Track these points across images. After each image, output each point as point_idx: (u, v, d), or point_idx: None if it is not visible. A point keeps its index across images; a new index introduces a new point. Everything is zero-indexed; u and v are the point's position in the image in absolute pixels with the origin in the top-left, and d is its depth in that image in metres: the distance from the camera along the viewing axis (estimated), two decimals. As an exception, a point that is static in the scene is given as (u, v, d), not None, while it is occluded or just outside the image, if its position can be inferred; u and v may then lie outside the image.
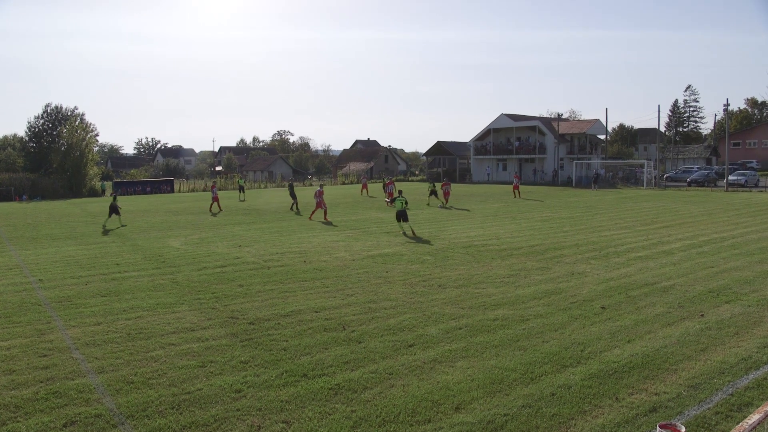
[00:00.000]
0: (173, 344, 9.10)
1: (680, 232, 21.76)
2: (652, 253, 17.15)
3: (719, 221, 25.79)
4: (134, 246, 19.93)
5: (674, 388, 7.16)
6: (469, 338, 9.25)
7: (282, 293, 12.47)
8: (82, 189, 61.38)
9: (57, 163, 61.66)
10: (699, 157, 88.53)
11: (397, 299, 11.83)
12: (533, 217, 28.40)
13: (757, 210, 31.46)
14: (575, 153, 72.25)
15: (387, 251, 17.86)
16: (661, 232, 22.07)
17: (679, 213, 29.86)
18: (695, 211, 30.73)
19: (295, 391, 7.22)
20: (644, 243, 19.16)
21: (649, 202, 37.26)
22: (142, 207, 39.50)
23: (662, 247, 18.27)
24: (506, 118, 74.32)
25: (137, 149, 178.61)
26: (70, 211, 37.19)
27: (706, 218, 27.15)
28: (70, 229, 26.14)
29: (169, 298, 12.12)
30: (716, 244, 18.80)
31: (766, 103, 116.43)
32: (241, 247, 19.24)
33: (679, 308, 10.92)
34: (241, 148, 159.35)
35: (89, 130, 65.13)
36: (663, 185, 57.90)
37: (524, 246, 18.65)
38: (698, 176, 59.35)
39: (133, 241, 21.15)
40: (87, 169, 63.33)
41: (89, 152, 64.31)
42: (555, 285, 13.02)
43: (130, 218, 30.66)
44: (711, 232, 21.90)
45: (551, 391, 7.14)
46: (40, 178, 60.11)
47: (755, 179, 56.44)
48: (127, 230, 24.91)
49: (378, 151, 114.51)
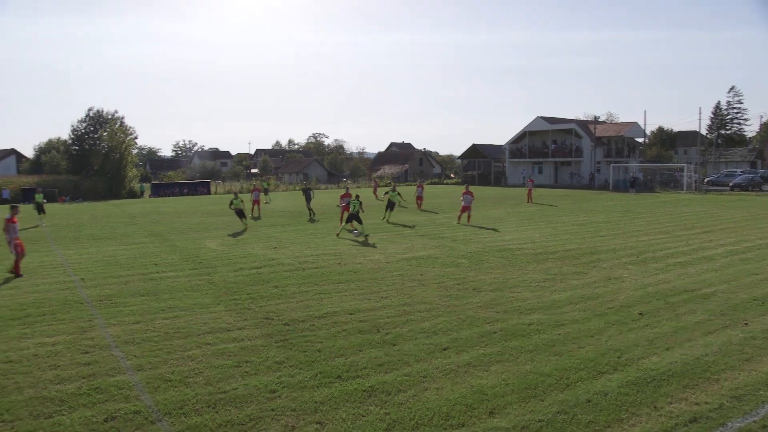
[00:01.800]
0: (209, 344, 9.24)
1: (722, 238, 21.23)
2: (693, 258, 16.78)
3: (765, 226, 25.06)
4: (172, 247, 20.29)
5: (716, 399, 6.99)
6: (503, 342, 9.18)
7: (317, 295, 12.55)
8: (122, 191, 62.73)
9: (98, 166, 63.14)
10: (742, 160, 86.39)
11: (431, 302, 11.80)
12: (569, 220, 28.04)
13: (803, 215, 30.49)
14: (612, 156, 71.16)
15: (421, 254, 17.83)
16: (701, 237, 21.57)
17: (721, 218, 29.14)
18: (738, 216, 29.94)
19: (329, 393, 7.26)
20: (684, 248, 18.75)
21: (689, 207, 36.46)
22: (180, 208, 40.22)
23: (703, 252, 17.86)
24: (542, 121, 73.61)
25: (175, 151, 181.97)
26: (110, 212, 38.06)
27: (750, 223, 26.41)
28: (111, 229, 26.74)
29: (206, 299, 12.31)
30: (761, 250, 18.28)
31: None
32: (277, 248, 19.42)
33: (721, 316, 10.66)
34: (276, 151, 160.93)
35: (129, 133, 66.53)
36: (704, 189, 56.58)
37: (560, 250, 18.42)
38: (742, 180, 57.80)
39: (170, 242, 21.54)
40: (126, 171, 64.67)
41: (128, 155, 65.69)
42: (591, 290, 12.84)
43: (168, 219, 31.24)
44: (755, 237, 21.31)
45: (587, 397, 7.04)
46: (82, 180, 61.67)
47: (802, 183, 54.67)
48: (165, 231, 25.37)
49: (413, 153, 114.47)
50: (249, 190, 31.96)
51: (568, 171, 71.84)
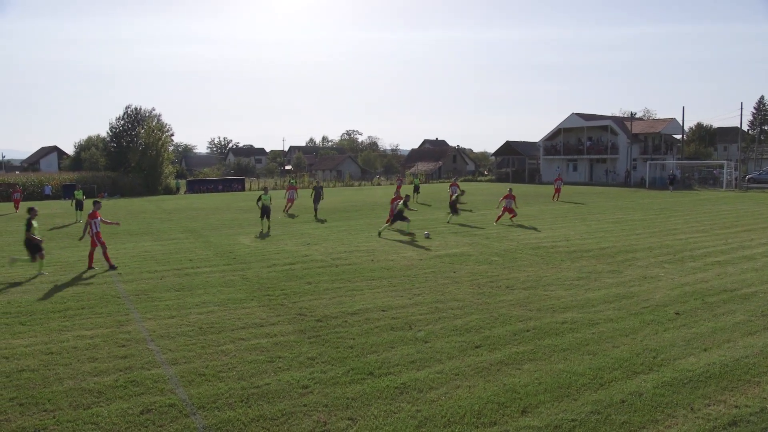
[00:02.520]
0: (243, 339, 9.35)
1: (763, 237, 20.68)
2: (732, 258, 16.39)
3: (806, 225, 24.34)
4: (206, 243, 20.58)
5: (757, 402, 6.82)
6: (536, 341, 9.10)
7: (349, 291, 12.60)
8: (158, 187, 63.77)
9: (135, 162, 64.29)
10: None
11: (464, 300, 11.76)
12: (604, 218, 27.63)
13: None
14: (649, 153, 69.82)
15: (455, 251, 17.77)
16: (741, 236, 21.04)
17: (762, 216, 28.37)
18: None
19: (361, 389, 7.29)
20: (723, 247, 18.32)
21: (728, 205, 35.61)
22: (215, 204, 40.75)
23: (743, 251, 17.43)
24: (577, 118, 72.62)
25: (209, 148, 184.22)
26: (147, 208, 38.75)
27: (791, 222, 25.68)
28: (147, 225, 27.23)
29: (240, 294, 12.46)
30: (803, 249, 17.77)
31: None
32: (310, 245, 19.54)
33: (762, 317, 10.39)
34: (310, 148, 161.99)
35: (165, 130, 67.56)
36: (745, 187, 55.19)
37: (594, 248, 18.17)
38: (784, 177, 56.23)
39: (205, 238, 21.84)
40: (162, 167, 65.69)
41: (165, 151, 66.69)
42: (626, 289, 12.63)
43: (203, 215, 31.68)
44: (797, 236, 20.71)
45: (621, 397, 6.94)
46: (120, 177, 62.88)
47: None
48: (199, 227, 25.73)
49: (446, 150, 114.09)
50: (285, 188, 31.17)
51: (603, 168, 70.76)
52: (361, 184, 77.95)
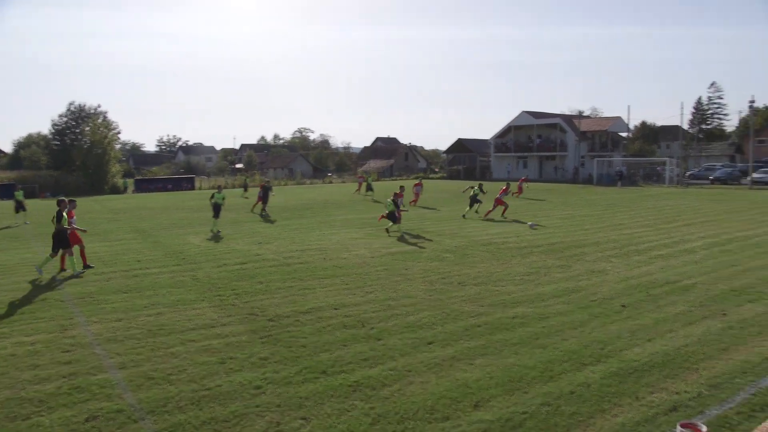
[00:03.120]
0: (193, 341, 9.19)
1: (703, 231, 21.47)
2: (674, 251, 16.96)
3: (743, 219, 25.40)
4: (155, 243, 20.15)
5: (695, 387, 7.09)
6: (488, 336, 9.23)
7: (302, 290, 12.53)
8: (104, 186, 62.06)
9: (80, 161, 62.41)
10: (722, 154, 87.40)
11: (416, 296, 11.83)
12: (553, 214, 28.20)
13: (783, 208, 30.94)
14: (596, 151, 71.53)
15: (407, 248, 17.86)
16: (683, 230, 21.80)
17: (701, 211, 29.46)
18: (718, 210, 30.30)
19: (314, 388, 7.26)
20: (666, 241, 18.94)
21: (671, 200, 36.82)
22: (164, 204, 39.93)
23: (684, 245, 18.05)
24: (527, 116, 73.87)
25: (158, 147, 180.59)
26: (92, 208, 37.68)
27: (729, 216, 26.75)
28: (93, 225, 26.45)
29: (190, 295, 12.24)
30: (740, 242, 18.53)
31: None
32: (261, 244, 19.35)
33: (701, 307, 10.79)
34: (261, 146, 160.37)
35: (111, 128, 65.82)
36: (685, 183, 57.14)
37: (544, 244, 18.53)
38: (722, 174, 58.61)
39: (154, 238, 21.38)
40: (109, 166, 64.01)
41: (111, 150, 64.99)
42: (575, 283, 12.93)
43: (152, 215, 31.01)
44: (734, 230, 21.58)
45: (571, 389, 7.10)
46: (64, 176, 60.87)
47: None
48: (148, 227, 25.18)
49: (398, 148, 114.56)
50: (259, 185, 30.95)
51: (552, 165, 72.19)
52: (312, 183, 77.55)
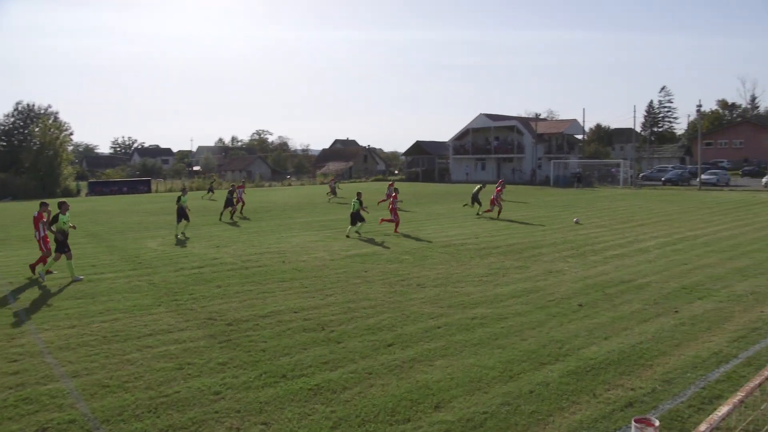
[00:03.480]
0: (150, 346, 8.99)
1: (655, 231, 22.06)
2: (629, 251, 17.36)
3: (693, 219, 26.21)
4: (110, 247, 19.69)
5: (649, 383, 7.26)
6: (448, 337, 9.28)
7: (261, 294, 12.40)
8: (56, 189, 60.37)
9: (29, 163, 60.60)
10: (673, 156, 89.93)
11: (376, 299, 11.82)
12: (511, 216, 28.57)
13: (728, 208, 32.05)
14: (553, 153, 72.84)
15: (366, 251, 17.85)
16: (637, 230, 22.34)
17: (654, 211, 30.26)
18: (670, 210, 31.18)
19: (274, 392, 7.18)
20: (620, 241, 19.38)
21: (625, 201, 37.71)
22: (119, 207, 39.07)
23: (638, 245, 18.50)
24: (485, 118, 74.72)
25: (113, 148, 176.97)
26: (44, 213, 36.57)
27: (680, 216, 27.57)
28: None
29: (146, 300, 11.99)
30: (690, 241, 19.09)
31: (735, 104, 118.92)
32: (219, 247, 19.09)
33: (655, 305, 11.06)
34: (219, 148, 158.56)
35: (63, 129, 64.21)
36: (639, 184, 58.64)
37: (503, 245, 18.75)
38: (672, 175, 60.40)
39: (109, 242, 20.90)
40: (61, 168, 62.39)
41: (63, 151, 63.39)
42: (533, 283, 13.11)
43: (106, 219, 30.30)
44: (685, 230, 22.23)
45: (530, 388, 7.19)
46: (11, 178, 58.97)
47: (726, 178, 57.64)
48: (102, 231, 24.59)
49: (357, 150, 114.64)
50: (232, 188, 30.41)
51: (510, 167, 73.15)
52: (271, 185, 76.92)
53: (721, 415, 3.23)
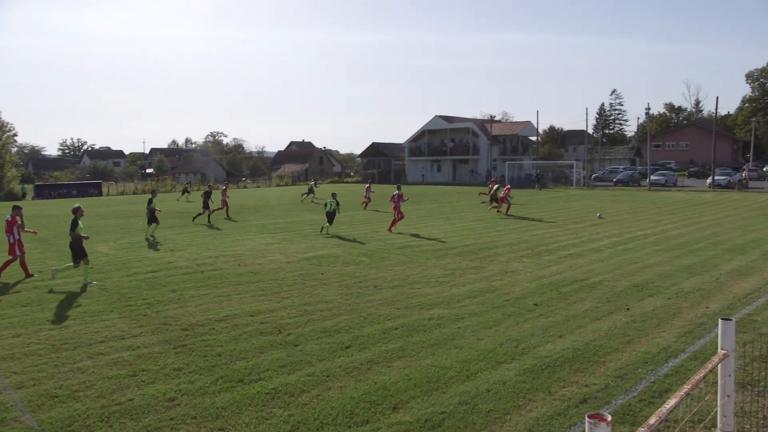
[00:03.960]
0: (102, 354, 8.76)
1: (607, 230, 22.58)
2: (582, 250, 17.72)
3: (643, 219, 26.95)
4: (59, 252, 19.12)
5: (603, 380, 7.43)
6: (405, 338, 9.31)
7: (216, 298, 12.22)
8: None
9: (-31, 165, 58.52)
10: (624, 158, 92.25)
11: (332, 301, 11.78)
12: (467, 217, 28.86)
13: (676, 208, 33.07)
14: (508, 154, 73.90)
15: (322, 253, 17.78)
16: (589, 230, 22.84)
17: (606, 211, 30.97)
18: (621, 210, 31.98)
19: (231, 397, 7.08)
20: (574, 241, 19.78)
21: (578, 201, 38.50)
22: (68, 211, 37.91)
23: (591, 244, 18.91)
24: (440, 120, 75.32)
25: (61, 150, 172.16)
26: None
27: (631, 216, 28.30)
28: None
29: (98, 306, 11.68)
30: (640, 240, 19.61)
31: (681, 108, 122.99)
32: (174, 251, 18.75)
33: (607, 303, 11.32)
34: (173, 150, 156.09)
35: (6, 130, 62.14)
36: (591, 185, 59.95)
37: (459, 246, 18.92)
38: (623, 176, 62.05)
39: (57, 247, 20.29)
40: (4, 171, 60.31)
41: (6, 153, 61.34)
42: (489, 283, 13.26)
43: (55, 223, 29.42)
44: (636, 229, 22.84)
45: (487, 387, 7.26)
46: (-51, 180, 56.81)
47: (674, 179, 59.54)
48: (51, 236, 23.87)
49: (313, 152, 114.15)
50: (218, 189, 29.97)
51: (466, 169, 73.90)
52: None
53: (668, 408, 3.32)
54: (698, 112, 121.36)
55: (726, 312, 10.60)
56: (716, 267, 14.80)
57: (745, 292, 12.12)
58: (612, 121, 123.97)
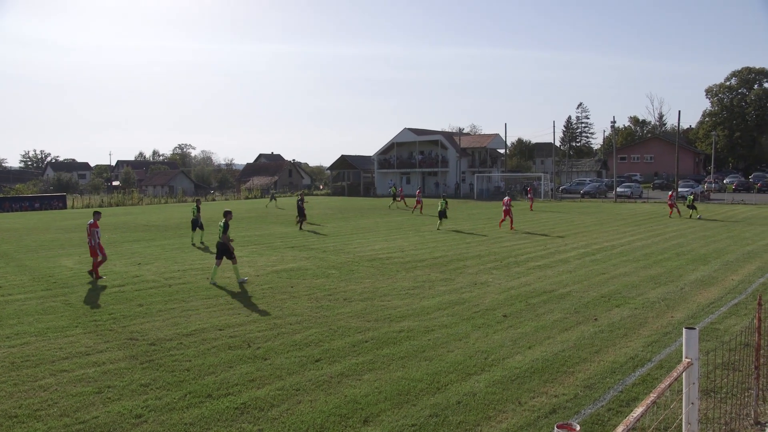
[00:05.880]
0: (66, 370, 8.56)
1: (575, 242, 22.90)
2: (550, 261, 17.92)
3: (609, 230, 27.38)
4: (20, 266, 18.66)
5: (572, 390, 7.50)
6: (375, 351, 9.29)
7: (184, 312, 12.05)
8: (-41, 206, 56.83)
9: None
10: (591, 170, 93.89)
11: (302, 314, 11.71)
12: (436, 229, 28.97)
13: (641, 219, 33.68)
14: (476, 166, 74.55)
15: (292, 266, 17.67)
16: (557, 241, 23.12)
17: (574, 223, 31.41)
18: (588, 221, 32.46)
19: (199, 413, 6.97)
20: (542, 252, 20.00)
21: (546, 213, 38.97)
22: (30, 224, 37.11)
23: (559, 255, 19.14)
24: (409, 132, 75.68)
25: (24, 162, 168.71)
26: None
27: (598, 228, 28.75)
28: (-52, 250, 24.13)
29: (62, 321, 11.41)
30: (607, 252, 19.92)
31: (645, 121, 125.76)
32: (141, 264, 18.45)
33: (575, 314, 11.46)
34: (140, 162, 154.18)
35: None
36: (559, 197, 60.81)
37: (428, 258, 18.98)
38: (590, 188, 63.11)
39: (18, 261, 19.81)
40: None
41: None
42: (459, 295, 13.32)
43: (16, 237, 28.73)
44: (602, 240, 23.19)
45: (457, 399, 7.28)
46: None
47: (639, 191, 60.73)
48: (11, 249, 23.29)
49: (282, 165, 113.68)
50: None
51: (434, 181, 74.29)
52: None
53: (635, 417, 3.38)
54: (662, 125, 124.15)
55: (690, 321, 10.82)
56: (680, 277, 15.11)
57: (708, 301, 12.39)
58: (579, 133, 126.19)
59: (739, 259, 17.98)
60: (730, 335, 9.76)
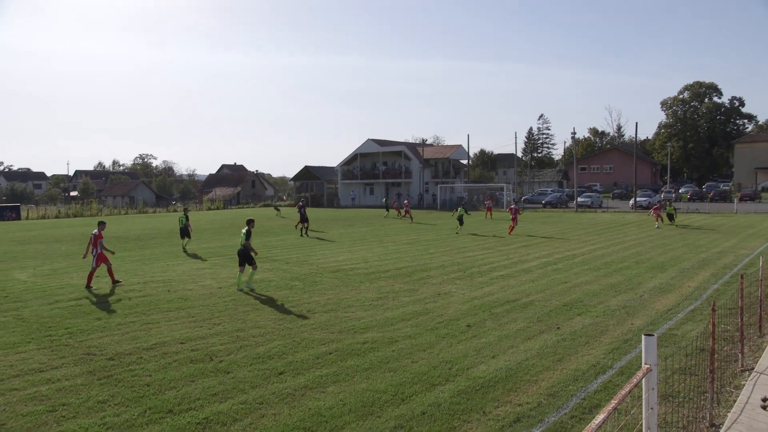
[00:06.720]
0: (16, 389, 8.24)
1: (537, 251, 23.17)
2: (513, 271, 18.09)
3: (571, 239, 27.81)
4: (-28, 281, 18.04)
5: (535, 398, 7.55)
6: (339, 363, 9.22)
7: (144, 325, 11.79)
8: None
9: None
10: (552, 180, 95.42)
11: (265, 326, 11.57)
12: (400, 240, 29.04)
13: (602, 228, 34.32)
14: (440, 177, 75.02)
15: (255, 278, 17.45)
16: (520, 251, 23.37)
17: (535, 233, 31.81)
18: (550, 231, 32.92)
19: (160, 429, 6.81)
20: (505, 262, 20.18)
21: (508, 224, 39.34)
22: (-17, 237, 35.93)
23: (522, 265, 19.34)
24: (373, 143, 75.83)
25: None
26: None
27: (559, 237, 29.17)
28: None
29: (13, 337, 11.03)
30: (569, 261, 20.21)
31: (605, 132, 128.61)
32: (99, 277, 17.99)
33: (538, 322, 11.57)
34: (99, 172, 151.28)
35: None
36: (521, 207, 61.48)
37: (392, 269, 18.98)
38: (552, 198, 64.13)
39: (-29, 276, 19.14)
40: None
41: None
42: (422, 306, 13.33)
43: (-32, 250, 27.77)
44: (564, 250, 23.53)
45: (422, 410, 7.26)
46: None
47: (599, 201, 61.87)
48: (-37, 263, 22.49)
49: (245, 175, 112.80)
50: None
51: (398, 191, 74.49)
52: (156, 211, 73.87)
53: (597, 423, 3.41)
54: (620, 136, 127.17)
55: (649, 328, 11.03)
56: (640, 285, 15.41)
57: (666, 308, 12.67)
58: (540, 144, 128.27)
59: (695, 267, 18.45)
60: (687, 341, 9.98)
